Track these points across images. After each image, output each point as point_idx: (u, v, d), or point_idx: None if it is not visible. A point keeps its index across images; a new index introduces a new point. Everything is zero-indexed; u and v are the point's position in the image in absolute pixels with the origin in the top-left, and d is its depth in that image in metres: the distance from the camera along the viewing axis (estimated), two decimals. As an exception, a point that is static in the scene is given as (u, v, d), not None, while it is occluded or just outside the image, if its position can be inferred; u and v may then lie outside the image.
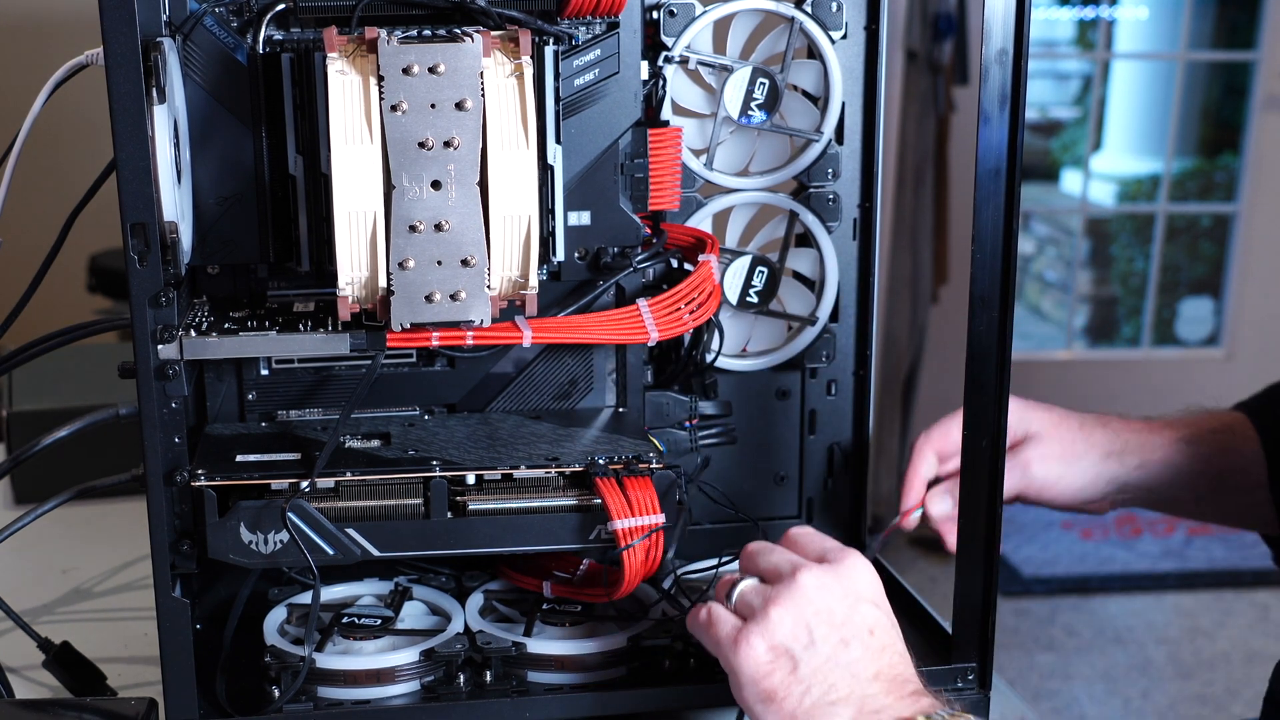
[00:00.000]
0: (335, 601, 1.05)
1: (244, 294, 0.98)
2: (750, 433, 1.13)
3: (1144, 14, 4.53)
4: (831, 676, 0.85)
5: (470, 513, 0.93)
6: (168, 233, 0.85)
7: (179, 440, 0.90)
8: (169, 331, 0.88)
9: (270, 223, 0.94)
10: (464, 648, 0.97)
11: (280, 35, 0.94)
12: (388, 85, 0.84)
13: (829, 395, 1.13)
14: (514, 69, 0.87)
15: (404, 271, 0.86)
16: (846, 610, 0.87)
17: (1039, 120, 5.06)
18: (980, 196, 0.93)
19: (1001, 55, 0.91)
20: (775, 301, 1.10)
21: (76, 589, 1.25)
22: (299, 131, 0.92)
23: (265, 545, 0.91)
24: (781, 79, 1.05)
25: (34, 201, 1.45)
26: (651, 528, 0.91)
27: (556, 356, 1.03)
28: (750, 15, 1.05)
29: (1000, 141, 0.92)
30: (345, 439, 0.97)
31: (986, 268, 0.94)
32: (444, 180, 0.85)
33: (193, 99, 0.91)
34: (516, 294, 0.90)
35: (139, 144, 0.83)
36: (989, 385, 0.95)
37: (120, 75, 0.82)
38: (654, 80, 1.03)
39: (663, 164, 1.01)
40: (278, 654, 0.95)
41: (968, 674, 1.00)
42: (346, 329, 0.90)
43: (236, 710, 0.93)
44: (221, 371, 0.99)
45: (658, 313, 0.96)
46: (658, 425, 1.07)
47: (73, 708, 0.96)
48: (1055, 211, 4.99)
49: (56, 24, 3.00)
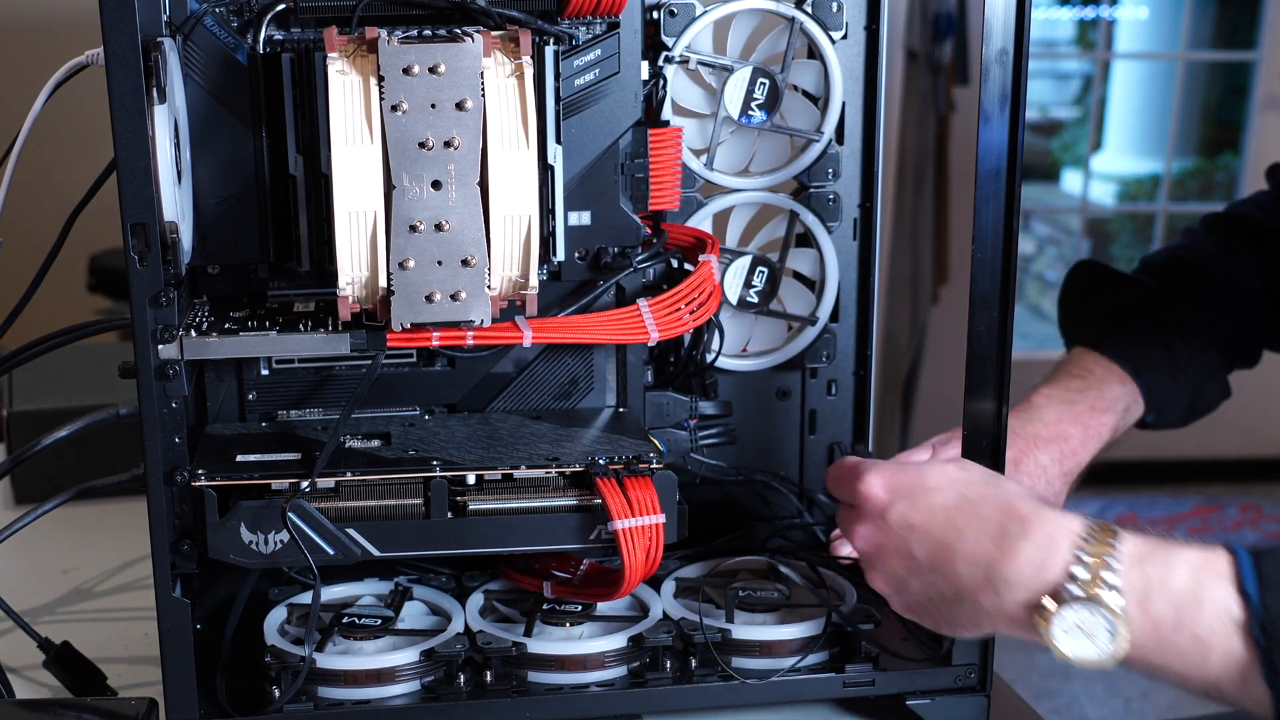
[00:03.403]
0: (335, 601, 1.05)
1: (244, 294, 0.98)
2: (750, 433, 1.13)
3: (1144, 14, 4.53)
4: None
5: (470, 513, 0.93)
6: (168, 233, 0.85)
7: (179, 440, 0.90)
8: (169, 331, 0.88)
9: (270, 223, 0.94)
10: (464, 648, 0.97)
11: (280, 35, 0.94)
12: (388, 85, 0.84)
13: (829, 395, 1.13)
14: (514, 69, 0.87)
15: (404, 271, 0.86)
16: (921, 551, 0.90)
17: (1039, 120, 5.06)
18: (980, 196, 0.93)
19: (1001, 55, 0.91)
20: (775, 301, 1.10)
21: (76, 589, 1.25)
22: (299, 131, 0.92)
23: (265, 545, 0.91)
24: (782, 79, 1.05)
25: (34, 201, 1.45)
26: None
27: (557, 356, 1.03)
28: (750, 15, 1.05)
29: (1000, 141, 0.92)
30: (345, 439, 0.97)
31: (986, 268, 0.94)
32: (444, 180, 0.85)
33: (193, 99, 0.91)
34: (517, 294, 0.90)
35: (139, 144, 0.83)
36: (989, 385, 0.95)
37: (120, 75, 0.82)
38: (654, 80, 1.03)
39: (663, 164, 1.01)
40: (278, 654, 0.95)
41: (968, 674, 1.00)
42: (347, 329, 0.90)
43: (236, 710, 0.93)
44: (221, 371, 0.99)
45: (658, 313, 0.96)
46: (658, 425, 1.07)
47: (73, 708, 0.96)
48: (1055, 211, 4.99)
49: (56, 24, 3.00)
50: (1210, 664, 0.81)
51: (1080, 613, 0.83)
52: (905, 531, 0.90)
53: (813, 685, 0.98)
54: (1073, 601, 0.83)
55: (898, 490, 0.91)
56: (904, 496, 0.90)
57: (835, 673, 0.99)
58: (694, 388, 1.09)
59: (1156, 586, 0.82)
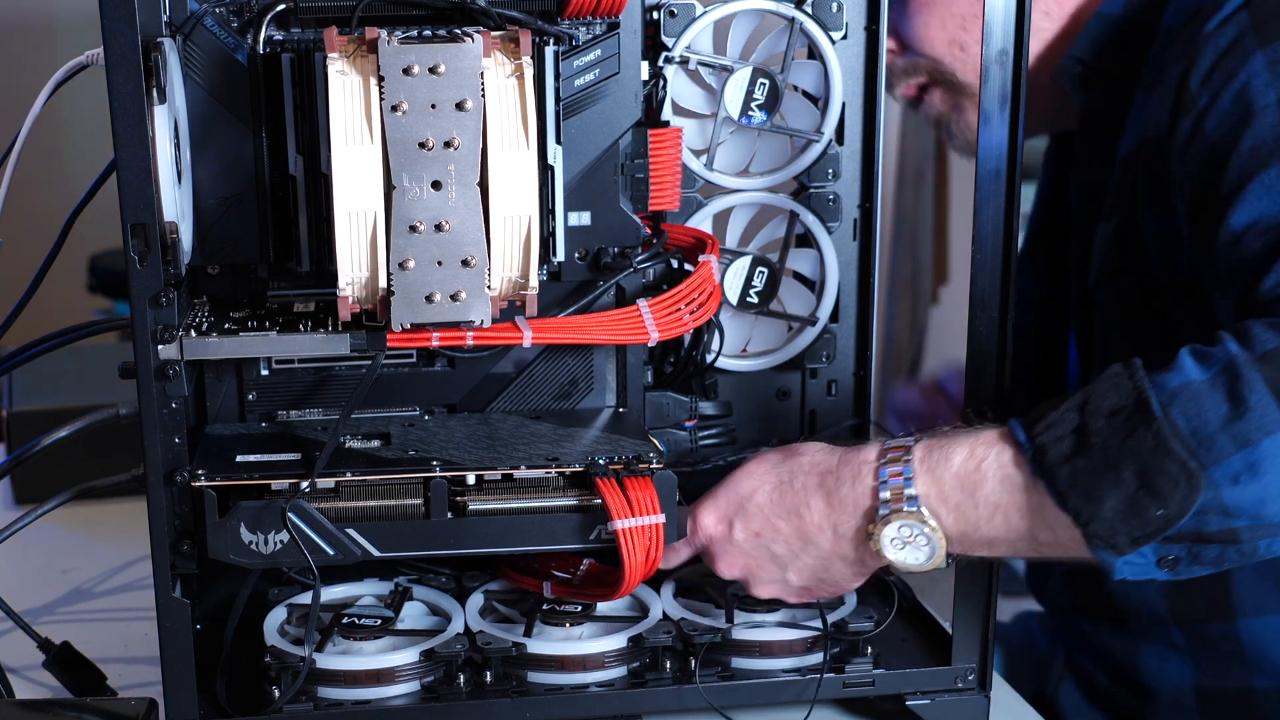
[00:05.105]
0: (335, 602, 1.05)
1: (244, 294, 0.98)
2: (750, 433, 1.13)
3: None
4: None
5: (470, 513, 0.93)
6: (168, 233, 0.85)
7: (179, 440, 0.90)
8: (169, 332, 0.88)
9: (270, 223, 0.94)
10: (464, 648, 0.97)
11: (280, 35, 0.94)
12: (388, 85, 0.84)
13: (829, 395, 1.13)
14: (514, 69, 0.87)
15: (404, 272, 0.86)
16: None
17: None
18: (980, 196, 0.93)
19: (1001, 55, 0.91)
20: (775, 302, 1.10)
21: (76, 589, 1.25)
22: (299, 131, 0.92)
23: (265, 545, 0.91)
24: (781, 79, 1.05)
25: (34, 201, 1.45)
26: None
27: (556, 356, 1.03)
28: (750, 15, 1.05)
29: (1000, 141, 0.92)
30: (345, 439, 0.97)
31: (986, 268, 0.94)
32: (444, 180, 0.85)
33: (193, 99, 0.91)
34: (517, 294, 0.90)
35: (139, 144, 0.83)
36: (989, 385, 0.95)
37: (120, 75, 0.82)
38: (654, 80, 1.03)
39: (663, 164, 1.01)
40: (278, 654, 0.95)
41: (968, 674, 1.00)
42: (346, 329, 0.90)
43: (236, 710, 0.93)
44: (221, 371, 0.99)
45: (658, 313, 0.96)
46: (658, 425, 1.07)
47: (73, 708, 0.96)
48: (1055, 211, 4.98)
49: (57, 24, 3.00)
50: (1014, 522, 0.89)
51: (897, 528, 0.91)
52: (755, 541, 0.97)
53: (813, 685, 0.98)
54: (887, 520, 0.91)
55: (724, 513, 0.97)
56: (734, 514, 0.97)
57: (835, 673, 0.99)
58: (694, 388, 1.09)
59: (944, 478, 0.90)
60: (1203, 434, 0.83)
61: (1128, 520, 0.84)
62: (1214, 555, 0.86)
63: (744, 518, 0.97)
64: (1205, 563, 0.87)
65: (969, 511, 0.90)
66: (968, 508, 0.90)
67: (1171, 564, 0.87)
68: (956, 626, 0.99)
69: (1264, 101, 0.97)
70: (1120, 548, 0.85)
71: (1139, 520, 0.84)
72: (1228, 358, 0.84)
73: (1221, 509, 0.83)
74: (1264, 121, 0.97)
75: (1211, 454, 0.82)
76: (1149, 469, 0.83)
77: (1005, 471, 0.89)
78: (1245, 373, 0.83)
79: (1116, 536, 0.85)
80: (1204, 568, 0.88)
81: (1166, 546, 0.86)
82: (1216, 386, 0.83)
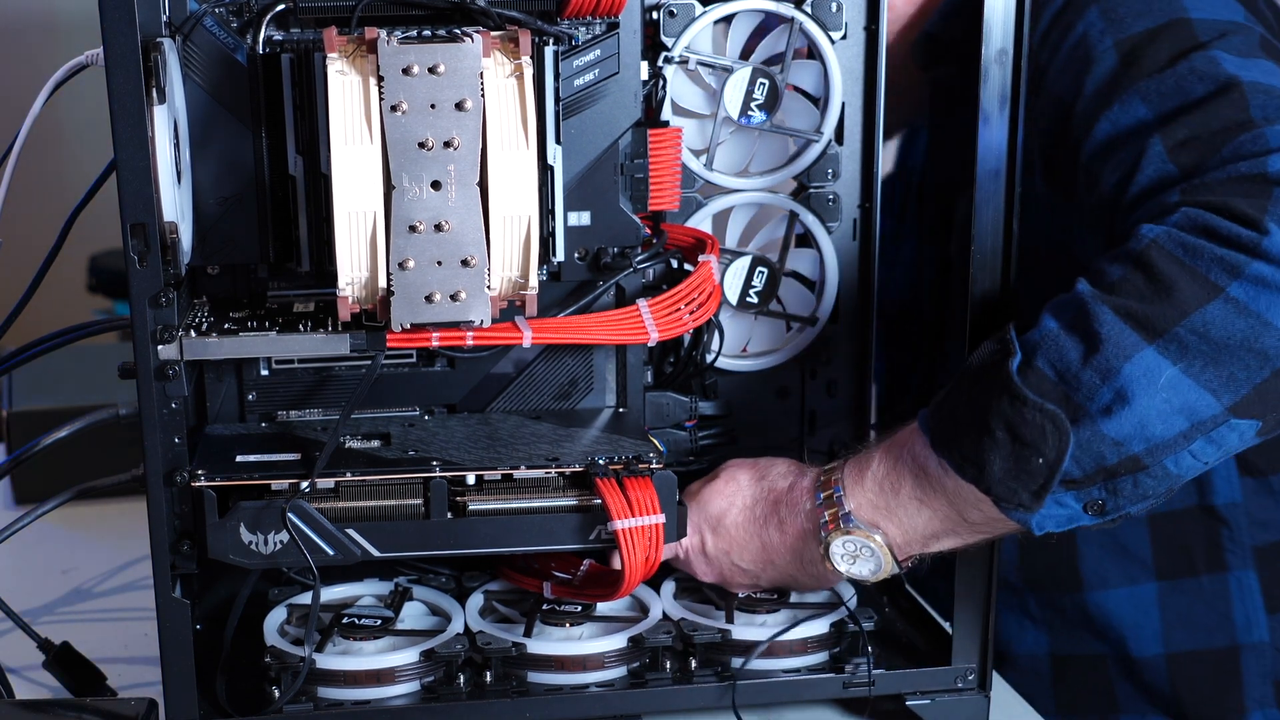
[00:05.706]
0: (335, 602, 1.05)
1: (244, 294, 0.98)
2: (750, 433, 1.13)
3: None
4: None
5: (470, 513, 0.93)
6: (168, 233, 0.85)
7: (179, 440, 0.90)
8: (169, 332, 0.88)
9: (270, 223, 0.94)
10: (464, 648, 0.97)
11: (280, 35, 0.94)
12: (388, 85, 0.84)
13: (829, 395, 1.13)
14: (514, 69, 0.87)
15: (404, 272, 0.86)
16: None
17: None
18: (980, 196, 0.93)
19: (1001, 55, 0.91)
20: (775, 301, 1.10)
21: (76, 589, 1.25)
22: (299, 132, 0.92)
23: (265, 545, 0.91)
24: (781, 79, 1.05)
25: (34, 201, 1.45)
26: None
27: (556, 356, 1.03)
28: (750, 15, 1.05)
29: (1000, 141, 0.92)
30: (345, 439, 0.97)
31: (986, 268, 0.94)
32: (444, 180, 0.85)
33: (193, 99, 0.91)
34: (516, 294, 0.90)
35: (139, 144, 0.83)
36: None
37: (120, 75, 0.82)
38: (654, 80, 1.03)
39: (663, 164, 1.01)
40: (278, 654, 0.95)
41: (968, 674, 1.00)
42: (346, 329, 0.90)
43: (236, 710, 0.93)
44: (221, 372, 0.99)
45: (658, 313, 0.96)
46: (658, 425, 1.07)
47: (73, 708, 0.96)
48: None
49: (57, 24, 3.00)
50: (941, 510, 0.92)
51: (841, 544, 0.95)
52: (726, 555, 1.02)
53: (813, 685, 0.99)
54: (829, 540, 0.95)
55: (698, 527, 1.02)
56: (707, 529, 1.02)
57: (835, 673, 0.99)
58: (694, 388, 1.09)
59: (868, 488, 0.94)
60: (1068, 376, 0.85)
61: (1018, 476, 0.86)
62: (1130, 487, 0.87)
63: (715, 535, 1.02)
64: (1130, 497, 0.87)
65: (898, 512, 0.94)
66: (896, 509, 0.94)
67: (1099, 508, 0.88)
68: (956, 626, 1.00)
69: (1102, 47, 0.99)
70: (1027, 505, 0.87)
71: (1026, 473, 0.86)
72: (1076, 298, 0.86)
73: (1109, 441, 0.85)
74: (1103, 65, 0.99)
75: (1081, 392, 0.84)
76: (1013, 422, 0.85)
77: (919, 464, 0.92)
78: (1093, 307, 0.85)
79: (1019, 495, 0.87)
80: (1134, 503, 0.88)
81: (1083, 491, 0.87)
82: (1071, 328, 0.86)
